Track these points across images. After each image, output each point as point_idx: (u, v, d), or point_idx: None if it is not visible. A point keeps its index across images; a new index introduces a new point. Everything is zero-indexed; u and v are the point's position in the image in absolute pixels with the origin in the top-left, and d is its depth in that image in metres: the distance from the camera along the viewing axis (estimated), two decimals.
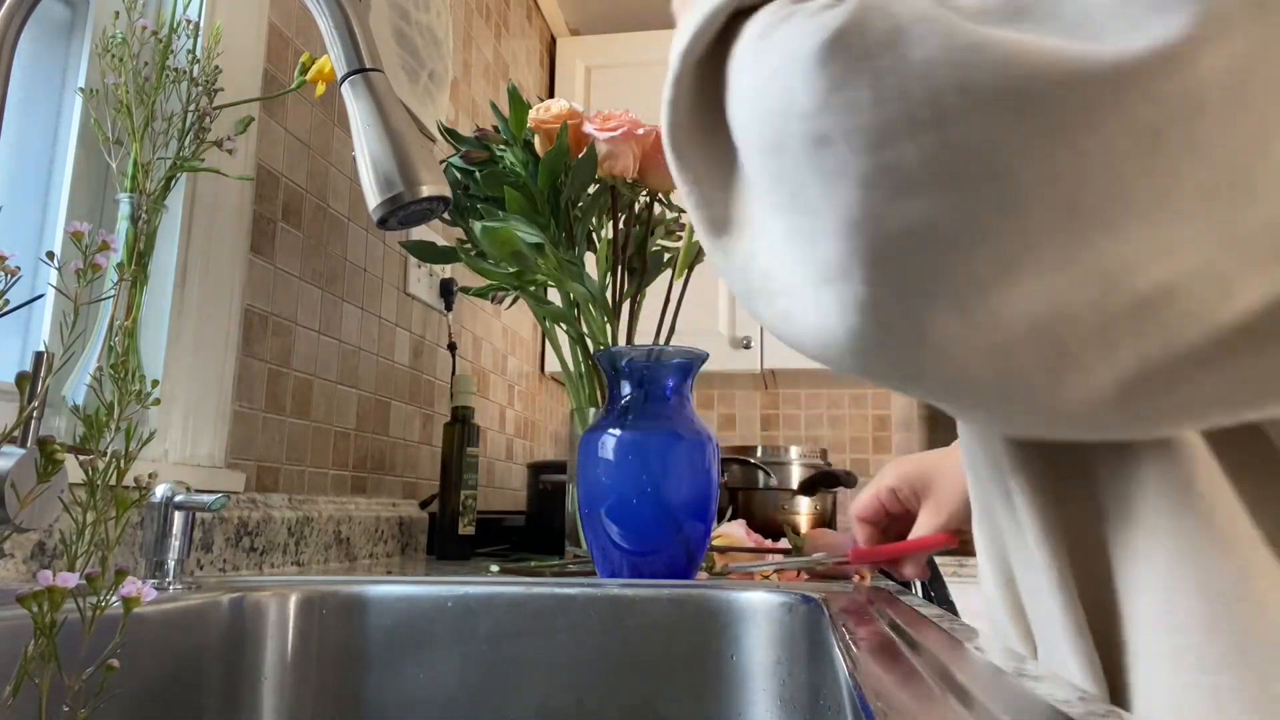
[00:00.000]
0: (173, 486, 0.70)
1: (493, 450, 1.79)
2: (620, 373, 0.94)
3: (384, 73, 0.56)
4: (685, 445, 0.91)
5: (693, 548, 0.91)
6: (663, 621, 0.75)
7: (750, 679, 0.73)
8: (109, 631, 0.41)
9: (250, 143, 1.00)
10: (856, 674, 0.39)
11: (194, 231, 0.92)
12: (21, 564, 0.67)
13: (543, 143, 1.07)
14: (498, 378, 1.85)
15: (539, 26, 2.28)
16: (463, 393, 1.29)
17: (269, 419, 1.04)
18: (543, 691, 0.74)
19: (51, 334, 0.81)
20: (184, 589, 0.68)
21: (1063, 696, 0.34)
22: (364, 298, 1.27)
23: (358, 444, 1.24)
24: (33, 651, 0.39)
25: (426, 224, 0.70)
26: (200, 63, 0.86)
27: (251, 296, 1.01)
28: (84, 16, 0.88)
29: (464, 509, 1.26)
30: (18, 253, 0.46)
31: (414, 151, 0.54)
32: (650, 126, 1.08)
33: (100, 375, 0.77)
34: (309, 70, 0.93)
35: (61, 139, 0.85)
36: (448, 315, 1.56)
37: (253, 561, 0.94)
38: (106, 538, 0.48)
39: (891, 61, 0.31)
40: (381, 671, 0.75)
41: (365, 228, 1.28)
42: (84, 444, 0.50)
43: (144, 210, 0.80)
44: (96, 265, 0.50)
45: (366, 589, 0.76)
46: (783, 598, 0.74)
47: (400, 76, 1.40)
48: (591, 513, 0.92)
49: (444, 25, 1.58)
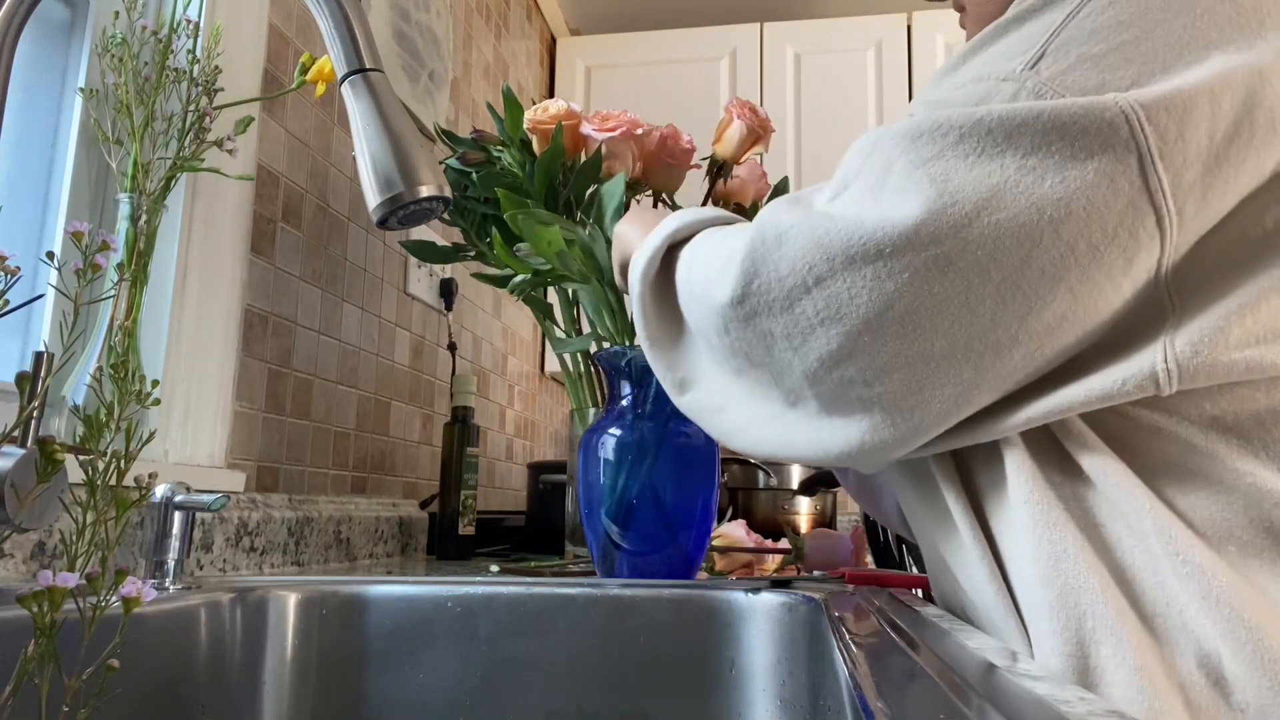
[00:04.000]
0: (173, 486, 0.70)
1: (493, 450, 1.79)
2: (620, 373, 0.94)
3: (384, 73, 0.56)
4: (685, 445, 0.91)
5: (692, 548, 0.91)
6: (662, 621, 0.75)
7: (750, 679, 0.73)
8: (109, 631, 0.41)
9: (250, 143, 1.00)
10: (857, 674, 0.39)
11: (194, 231, 0.92)
12: (21, 564, 0.67)
13: (540, 144, 1.07)
14: (498, 378, 1.85)
15: (539, 26, 2.28)
16: (463, 393, 1.29)
17: (269, 419, 1.04)
18: (542, 691, 0.74)
19: (51, 334, 0.81)
20: (184, 589, 0.68)
21: (1063, 696, 0.34)
22: (364, 298, 1.27)
23: (358, 444, 1.24)
24: (33, 651, 0.39)
25: (426, 224, 0.70)
26: (200, 63, 0.86)
27: (251, 296, 1.01)
28: (84, 16, 0.88)
29: (464, 509, 1.26)
30: (18, 253, 0.46)
31: (414, 151, 0.54)
32: (650, 126, 1.07)
33: (100, 375, 0.77)
34: (309, 70, 0.93)
35: (61, 139, 0.85)
36: (448, 315, 1.56)
37: (253, 561, 0.94)
38: (106, 538, 0.48)
39: (779, 253, 0.52)
40: (381, 671, 0.75)
41: (365, 228, 1.28)
42: (84, 444, 0.50)
43: (144, 210, 0.80)
44: (96, 265, 0.50)
45: (366, 589, 0.76)
46: (783, 598, 0.74)
47: (400, 76, 1.40)
48: (591, 513, 0.91)
49: (444, 25, 1.58)
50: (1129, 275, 0.48)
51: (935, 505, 0.58)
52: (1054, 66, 0.48)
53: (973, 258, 0.47)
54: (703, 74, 2.26)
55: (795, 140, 2.19)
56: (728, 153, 1.11)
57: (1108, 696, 0.47)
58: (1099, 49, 0.48)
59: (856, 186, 0.51)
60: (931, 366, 0.49)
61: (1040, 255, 0.46)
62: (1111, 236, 0.46)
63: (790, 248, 0.51)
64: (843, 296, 0.49)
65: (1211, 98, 0.46)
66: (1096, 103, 0.46)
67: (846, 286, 0.49)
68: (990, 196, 0.46)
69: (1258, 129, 0.47)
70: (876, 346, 0.49)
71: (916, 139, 0.49)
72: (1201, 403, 0.49)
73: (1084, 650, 0.48)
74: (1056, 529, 0.50)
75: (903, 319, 0.48)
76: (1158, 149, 0.45)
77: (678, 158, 1.08)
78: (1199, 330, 0.48)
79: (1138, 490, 0.49)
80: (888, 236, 0.47)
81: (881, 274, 0.48)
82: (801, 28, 2.25)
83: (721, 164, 1.12)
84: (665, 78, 2.26)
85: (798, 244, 0.51)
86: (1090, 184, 0.45)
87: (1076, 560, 0.49)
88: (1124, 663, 0.47)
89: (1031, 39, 0.50)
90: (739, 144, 1.11)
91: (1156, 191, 0.46)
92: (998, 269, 0.47)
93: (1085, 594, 0.48)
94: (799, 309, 0.51)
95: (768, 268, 0.52)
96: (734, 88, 2.23)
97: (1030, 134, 0.46)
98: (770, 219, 0.53)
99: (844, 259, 0.49)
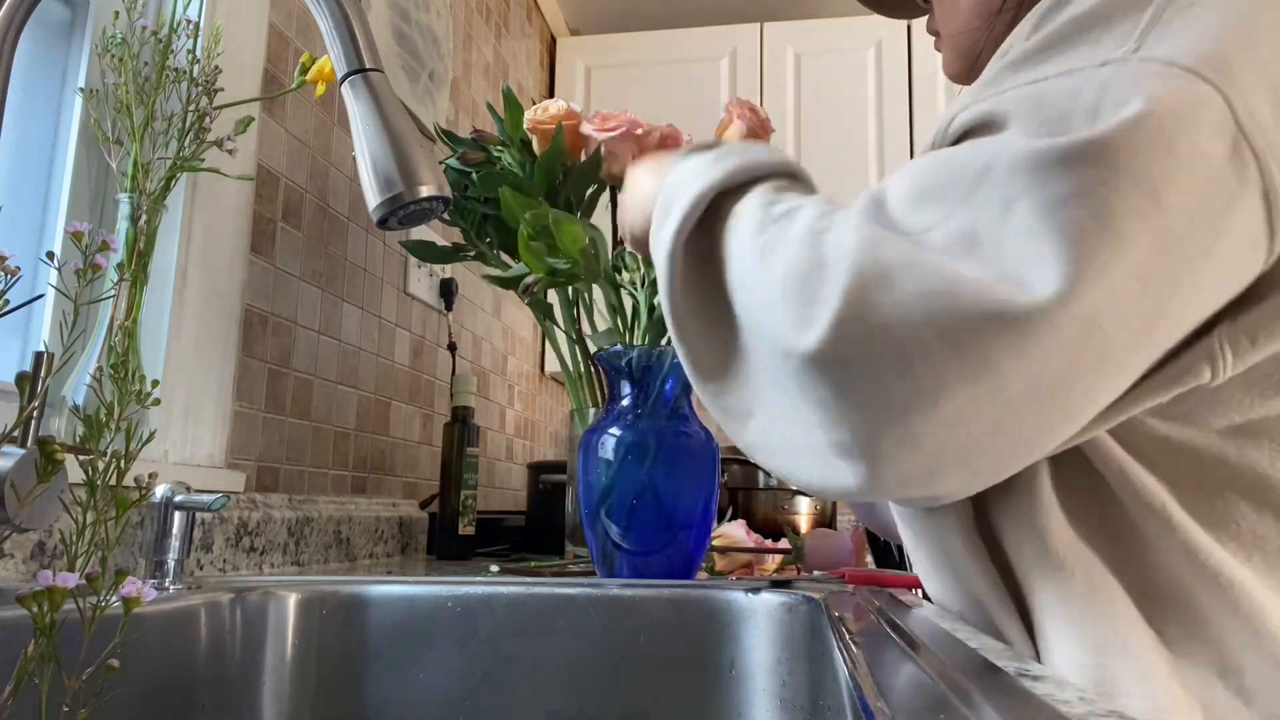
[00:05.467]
0: (173, 486, 0.70)
1: (493, 450, 1.79)
2: (620, 373, 0.94)
3: (384, 73, 0.56)
4: (685, 445, 0.91)
5: (692, 548, 0.91)
6: (662, 621, 0.75)
7: (750, 679, 0.73)
8: (109, 631, 0.41)
9: (250, 143, 1.00)
10: (856, 674, 0.39)
11: (194, 231, 0.92)
12: (21, 564, 0.67)
13: (540, 144, 1.07)
14: (498, 378, 1.85)
15: (539, 26, 2.28)
16: (462, 393, 1.29)
17: (269, 419, 1.04)
18: (542, 691, 0.74)
19: (51, 334, 0.81)
20: (184, 589, 0.68)
21: (1063, 697, 0.34)
22: (364, 298, 1.27)
23: (358, 444, 1.24)
24: (33, 651, 0.39)
25: (426, 224, 0.70)
26: (200, 63, 0.86)
27: (251, 296, 1.01)
28: (84, 16, 0.88)
29: (464, 509, 1.26)
30: (18, 253, 0.46)
31: (414, 151, 0.54)
32: (650, 126, 1.07)
33: (100, 375, 0.77)
34: (309, 70, 0.93)
35: (61, 139, 0.85)
36: (448, 315, 1.56)
37: (253, 561, 0.94)
38: (106, 538, 0.48)
39: (890, 299, 0.41)
40: (381, 671, 0.75)
41: (365, 228, 1.28)
42: (84, 444, 0.50)
43: (144, 210, 0.80)
44: (96, 265, 0.50)
45: (366, 589, 0.76)
46: (783, 598, 0.74)
47: (400, 76, 1.40)
48: (591, 513, 0.91)
49: (444, 25, 1.58)
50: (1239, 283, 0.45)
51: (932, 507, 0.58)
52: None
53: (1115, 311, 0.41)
54: (703, 74, 2.26)
55: (795, 140, 2.19)
56: None
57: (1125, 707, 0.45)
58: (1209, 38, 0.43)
59: (964, 218, 0.42)
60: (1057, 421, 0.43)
61: None
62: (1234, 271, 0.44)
63: (904, 293, 0.41)
64: (970, 362, 0.40)
65: None
66: None
67: (979, 350, 0.40)
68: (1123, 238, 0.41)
69: None
70: (1001, 411, 0.41)
71: (1043, 170, 0.41)
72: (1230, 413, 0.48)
73: (1102, 661, 0.47)
74: (1076, 541, 0.49)
75: (1035, 381, 0.41)
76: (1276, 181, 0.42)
77: None
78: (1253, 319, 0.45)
79: (1159, 501, 0.48)
80: (1029, 297, 0.39)
81: (1023, 338, 0.40)
82: (801, 28, 2.25)
83: None
84: (665, 78, 2.26)
85: (911, 290, 0.41)
86: None
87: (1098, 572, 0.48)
88: (1143, 675, 0.46)
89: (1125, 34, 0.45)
90: None
91: (1278, 231, 0.43)
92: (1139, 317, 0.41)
93: (1104, 605, 0.48)
94: (917, 370, 0.41)
95: (872, 316, 0.41)
96: (734, 88, 2.23)
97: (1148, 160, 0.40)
98: (869, 245, 0.43)
99: (981, 317, 0.40)
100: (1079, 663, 0.48)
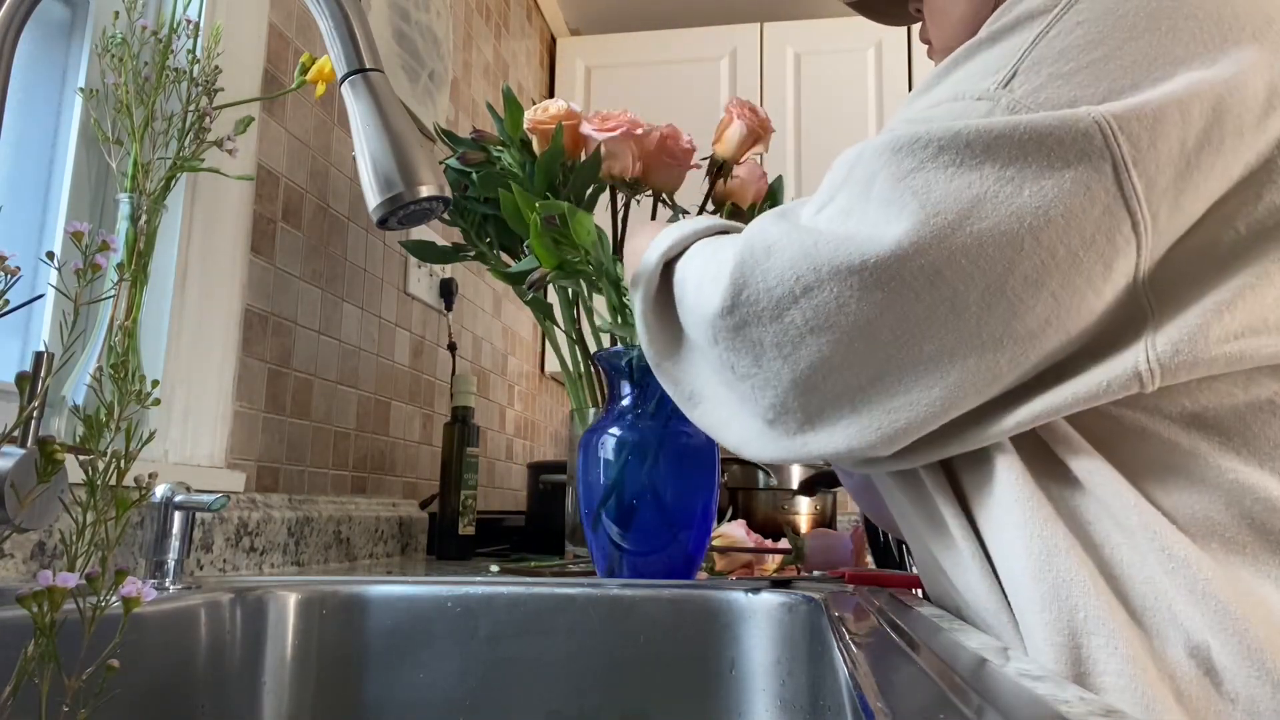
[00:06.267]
0: (173, 486, 0.70)
1: (493, 450, 1.79)
2: (620, 373, 0.94)
3: (384, 73, 0.56)
4: (685, 445, 0.91)
5: (693, 548, 0.91)
6: (662, 621, 0.75)
7: (750, 679, 0.73)
8: (109, 631, 0.41)
9: (250, 143, 1.00)
10: (856, 674, 0.39)
11: (194, 231, 0.92)
12: (21, 564, 0.67)
13: (540, 144, 1.07)
14: (498, 378, 1.85)
15: (539, 27, 2.28)
16: (462, 393, 1.29)
17: (269, 419, 1.04)
18: (543, 691, 0.74)
19: (51, 334, 0.81)
20: (184, 589, 0.68)
21: (1062, 696, 0.34)
22: (364, 298, 1.27)
23: (358, 444, 1.24)
24: (33, 651, 0.39)
25: (426, 224, 0.70)
26: (200, 63, 0.86)
27: (251, 296, 1.01)
28: (84, 16, 0.88)
29: (464, 509, 1.26)
30: (18, 253, 0.46)
31: (414, 151, 0.54)
32: (650, 126, 1.07)
33: (100, 375, 0.77)
34: (309, 70, 0.93)
35: (61, 139, 0.85)
36: (448, 315, 1.56)
37: (253, 561, 0.94)
38: (106, 538, 0.48)
39: (768, 264, 0.53)
40: (381, 671, 0.75)
41: (365, 228, 1.28)
42: (84, 444, 0.50)
43: (144, 210, 0.80)
44: (96, 265, 0.50)
45: (366, 589, 0.76)
46: (783, 598, 0.74)
47: (400, 76, 1.40)
48: (591, 513, 0.91)
49: (444, 25, 1.58)
50: (1109, 279, 0.49)
51: (926, 507, 0.59)
52: (1026, 84, 0.50)
53: (958, 265, 0.48)
54: (703, 74, 2.26)
55: (795, 140, 2.19)
56: (728, 153, 1.11)
57: (1100, 686, 0.48)
58: (1069, 67, 0.50)
59: (841, 199, 0.53)
60: (919, 370, 0.51)
61: (1023, 262, 0.48)
62: (1090, 242, 0.48)
63: (778, 259, 0.52)
64: (831, 305, 0.51)
65: (1181, 108, 0.48)
66: (1070, 115, 0.48)
67: (835, 296, 0.50)
68: (972, 206, 0.48)
69: (1226, 136, 0.49)
70: (869, 352, 0.51)
71: (897, 152, 0.50)
72: (1182, 400, 0.51)
73: (1076, 641, 0.49)
74: (1047, 526, 0.51)
75: (893, 326, 0.50)
76: (1131, 157, 0.47)
77: (677, 157, 1.08)
78: (1179, 330, 0.49)
79: (1124, 489, 0.51)
80: (874, 248, 0.49)
81: (869, 283, 0.49)
82: (801, 28, 2.25)
83: (721, 164, 1.12)
84: (665, 78, 2.26)
85: (785, 255, 0.52)
86: (1067, 192, 0.47)
87: (1067, 556, 0.50)
88: (1115, 653, 0.48)
89: (1003, 58, 0.52)
90: (739, 144, 1.11)
91: (1131, 197, 0.48)
92: (982, 275, 0.48)
93: (1076, 588, 0.50)
94: (788, 318, 0.52)
95: (756, 279, 0.53)
96: (734, 88, 2.23)
97: (1007, 146, 0.48)
98: (758, 232, 0.55)
99: (831, 270, 0.50)
100: (1055, 644, 0.49)
